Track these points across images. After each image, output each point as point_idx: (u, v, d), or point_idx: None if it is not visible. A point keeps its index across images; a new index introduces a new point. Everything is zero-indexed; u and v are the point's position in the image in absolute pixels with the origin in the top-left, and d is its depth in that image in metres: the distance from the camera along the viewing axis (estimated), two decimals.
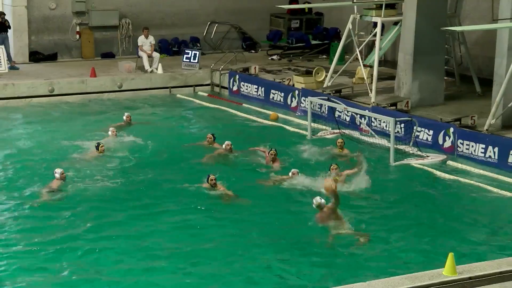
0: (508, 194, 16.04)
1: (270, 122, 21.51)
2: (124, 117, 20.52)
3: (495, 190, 16.24)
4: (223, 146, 18.04)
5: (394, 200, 15.41)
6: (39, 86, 23.53)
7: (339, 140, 18.27)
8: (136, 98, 24.18)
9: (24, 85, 23.40)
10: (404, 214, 14.73)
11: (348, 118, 20.81)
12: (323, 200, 13.61)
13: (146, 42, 25.37)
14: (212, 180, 15.50)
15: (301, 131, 20.43)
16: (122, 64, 25.32)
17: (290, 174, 16.13)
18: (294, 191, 15.73)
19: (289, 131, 20.71)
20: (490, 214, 14.89)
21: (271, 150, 16.98)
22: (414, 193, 16.03)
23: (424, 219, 14.53)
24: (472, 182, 16.68)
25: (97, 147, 17.49)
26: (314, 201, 13.69)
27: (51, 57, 26.58)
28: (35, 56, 26.37)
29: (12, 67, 24.90)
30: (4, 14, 25.06)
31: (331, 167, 16.20)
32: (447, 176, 17.08)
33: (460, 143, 18.32)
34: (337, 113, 21.07)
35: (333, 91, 22.02)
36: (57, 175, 15.53)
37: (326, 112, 21.37)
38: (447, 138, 18.58)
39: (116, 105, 23.36)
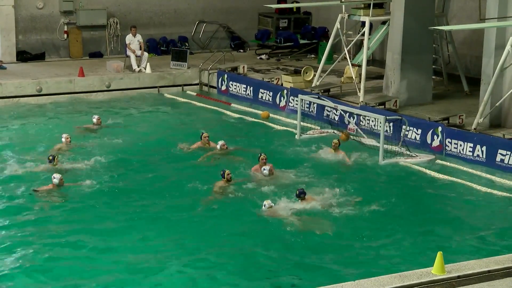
0: (496, 192, 16.14)
1: (258, 121, 21.57)
2: (95, 120, 20.14)
3: (483, 189, 16.32)
4: (218, 146, 18.04)
5: (382, 199, 15.40)
6: (27, 86, 23.49)
7: (335, 140, 18.06)
8: (125, 98, 24.18)
9: (11, 85, 23.35)
10: (392, 213, 14.77)
11: (337, 117, 20.81)
12: (267, 205, 14.24)
13: (134, 40, 25.32)
14: (228, 174, 15.61)
15: (290, 129, 20.46)
16: (110, 63, 25.27)
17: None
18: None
19: (277, 130, 20.76)
20: (478, 213, 14.99)
21: (261, 155, 16.84)
22: (403, 192, 16.10)
23: (413, 217, 14.60)
24: (460, 181, 16.80)
25: (51, 161, 16.65)
26: (265, 204, 14.28)
27: (39, 57, 26.50)
28: (23, 56, 26.26)
29: (0, 67, 24.80)
30: None
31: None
32: (435, 174, 17.18)
33: (449, 142, 18.38)
34: (326, 112, 21.09)
35: (322, 90, 22.04)
36: (55, 180, 15.42)
37: (315, 111, 21.42)
38: (435, 137, 18.63)
39: (103, 105, 23.41)
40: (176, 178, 16.44)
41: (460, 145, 18.09)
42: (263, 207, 14.26)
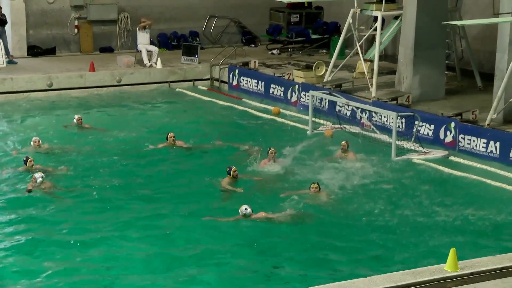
0: (510, 188, 16.04)
1: (270, 117, 21.55)
2: (75, 120, 19.90)
3: (497, 184, 16.20)
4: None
5: (394, 195, 15.42)
6: (38, 81, 23.54)
7: (343, 143, 17.75)
8: (135, 93, 24.22)
9: (22, 80, 23.40)
10: (405, 209, 14.71)
11: (348, 113, 20.78)
12: (248, 210, 13.80)
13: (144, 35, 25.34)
14: (235, 171, 15.54)
15: (301, 125, 20.51)
16: (121, 58, 25.28)
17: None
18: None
19: (289, 125, 20.77)
20: (492, 209, 14.74)
21: (270, 149, 16.80)
22: (415, 188, 15.99)
23: (426, 214, 14.53)
24: (473, 176, 16.70)
25: (25, 162, 16.37)
26: (240, 211, 13.89)
27: (50, 51, 26.51)
28: (33, 50, 26.29)
29: (10, 62, 24.87)
30: (0, 8, 25.01)
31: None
32: (448, 170, 17.12)
33: (462, 138, 18.29)
34: (337, 108, 21.07)
35: (334, 86, 21.96)
36: (39, 179, 15.23)
37: (326, 107, 21.40)
38: (448, 133, 18.54)
39: (114, 100, 23.52)
40: (182, 175, 16.50)
41: (474, 141, 18.00)
42: (245, 211, 13.85)
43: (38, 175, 15.27)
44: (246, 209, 13.84)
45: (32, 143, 17.91)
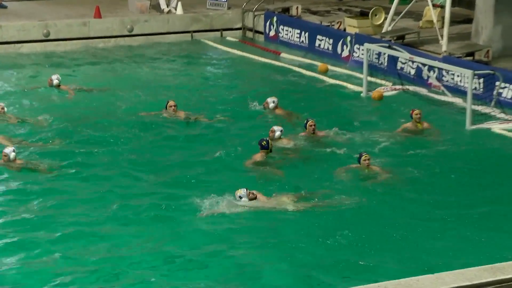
0: None
1: (315, 75, 21.52)
2: (55, 81, 19.53)
3: None
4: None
5: (469, 172, 15.31)
6: (32, 29, 23.61)
7: (416, 111, 17.26)
8: (150, 45, 24.27)
9: (13, 28, 23.48)
10: (479, 191, 14.56)
11: (413, 71, 20.76)
12: (243, 189, 13.48)
13: None
14: (271, 144, 15.41)
15: (354, 87, 20.44)
16: (133, 2, 25.31)
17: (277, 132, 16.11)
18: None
19: (339, 86, 20.73)
20: None
21: (308, 120, 16.72)
22: (494, 165, 15.84)
23: (504, 196, 14.31)
24: None
25: None
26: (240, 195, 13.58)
27: None
28: None
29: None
30: None
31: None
32: None
33: None
34: (399, 65, 20.99)
35: (395, 37, 21.96)
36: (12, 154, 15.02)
37: (385, 63, 21.32)
38: None
39: (124, 53, 23.50)
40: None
41: None
42: (241, 199, 13.49)
43: (8, 150, 15.08)
44: (240, 196, 13.48)
45: None
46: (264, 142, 15.39)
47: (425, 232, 12.89)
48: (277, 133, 16.05)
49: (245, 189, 13.44)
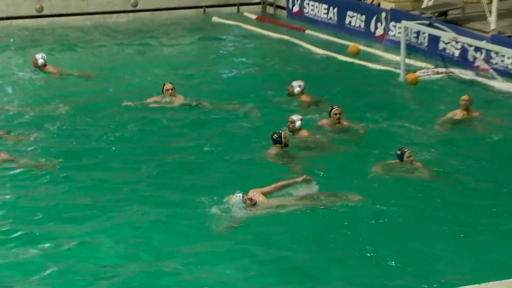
0: None
1: (344, 57, 21.23)
2: (40, 60, 19.28)
3: None
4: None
5: None
6: (23, 4, 23.56)
7: (465, 97, 16.82)
8: (157, 22, 24.00)
9: (2, 2, 23.35)
10: None
11: (457, 52, 20.54)
12: (238, 195, 12.96)
13: None
14: (286, 138, 14.96)
15: (390, 69, 20.29)
16: None
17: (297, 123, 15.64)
18: None
19: (373, 70, 20.52)
20: None
21: (333, 108, 16.20)
22: None
23: None
24: None
25: None
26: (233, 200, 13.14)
27: None
28: None
29: None
30: None
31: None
32: None
33: None
34: (441, 45, 20.63)
35: (436, 14, 21.81)
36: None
37: (426, 43, 21.04)
38: None
39: (126, 31, 23.23)
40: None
41: None
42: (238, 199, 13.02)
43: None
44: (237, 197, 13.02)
45: None
46: (276, 135, 15.07)
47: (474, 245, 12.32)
48: (298, 123, 15.50)
49: (240, 195, 12.83)
